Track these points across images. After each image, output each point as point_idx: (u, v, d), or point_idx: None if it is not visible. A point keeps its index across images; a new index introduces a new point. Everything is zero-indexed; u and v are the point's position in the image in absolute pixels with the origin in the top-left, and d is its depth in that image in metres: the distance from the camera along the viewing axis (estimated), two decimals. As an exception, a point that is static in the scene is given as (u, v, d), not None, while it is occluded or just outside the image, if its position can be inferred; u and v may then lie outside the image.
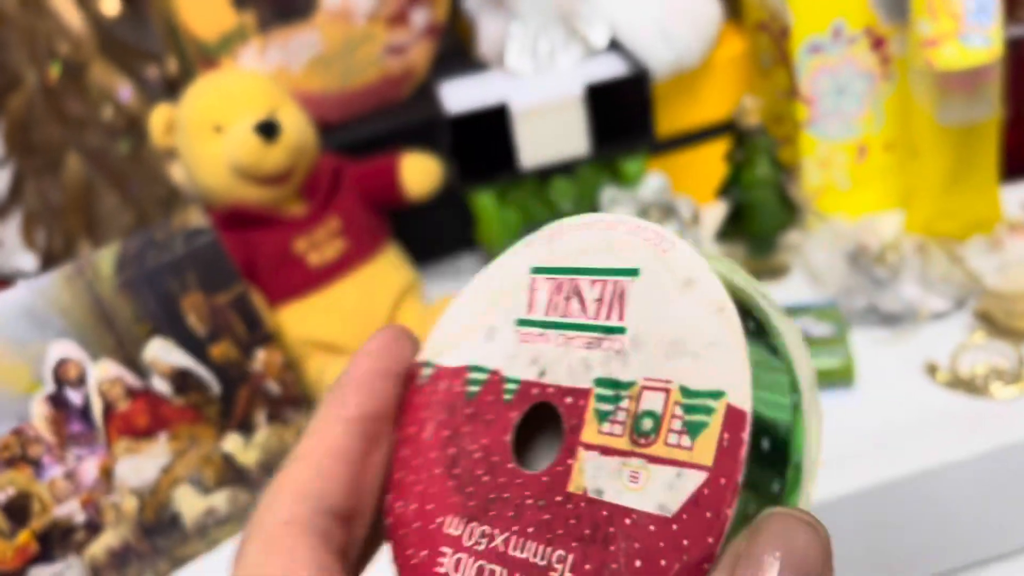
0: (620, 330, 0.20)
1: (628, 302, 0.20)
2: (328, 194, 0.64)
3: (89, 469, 0.50)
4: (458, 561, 0.20)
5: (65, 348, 0.50)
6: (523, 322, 0.21)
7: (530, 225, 0.65)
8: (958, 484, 0.50)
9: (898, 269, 0.60)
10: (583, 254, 0.21)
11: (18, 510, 0.48)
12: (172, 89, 0.77)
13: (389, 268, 0.66)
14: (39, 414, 0.49)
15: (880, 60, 0.64)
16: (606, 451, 0.19)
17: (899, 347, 0.58)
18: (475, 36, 0.71)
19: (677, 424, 0.18)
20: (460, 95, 0.63)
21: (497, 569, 0.19)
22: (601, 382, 0.19)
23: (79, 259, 0.51)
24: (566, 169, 0.63)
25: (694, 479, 0.17)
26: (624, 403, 0.19)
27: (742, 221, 0.64)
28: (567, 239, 0.21)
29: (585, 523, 0.18)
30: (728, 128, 0.66)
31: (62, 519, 0.49)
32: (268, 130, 0.59)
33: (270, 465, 0.56)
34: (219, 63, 0.70)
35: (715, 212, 0.68)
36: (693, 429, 0.18)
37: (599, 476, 0.19)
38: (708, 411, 0.18)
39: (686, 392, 0.18)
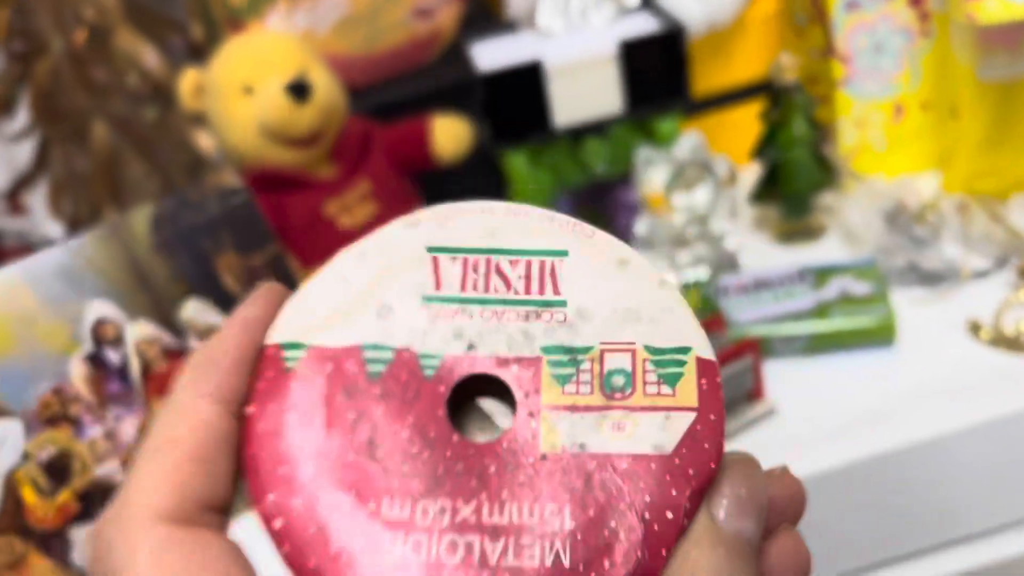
0: (560, 303, 0.21)
1: (561, 279, 0.21)
2: (358, 157, 0.64)
3: (128, 428, 0.50)
4: (417, 543, 0.19)
5: (102, 308, 0.49)
6: (432, 299, 0.21)
7: (563, 186, 0.65)
8: (1002, 441, 0.49)
9: (938, 228, 0.59)
10: (492, 236, 0.22)
11: (59, 469, 0.48)
12: (197, 55, 0.77)
13: (420, 231, 0.65)
14: (78, 373, 0.49)
15: (919, 16, 0.63)
16: (576, 409, 0.20)
17: (940, 306, 0.57)
18: (503, -2, 0.70)
19: (652, 377, 0.20)
20: (492, 54, 0.62)
21: (475, 539, 0.19)
22: (551, 349, 0.21)
23: (114, 219, 0.51)
24: (599, 129, 0.63)
25: (685, 419, 0.20)
26: (585, 366, 0.21)
27: (777, 181, 0.63)
28: (466, 222, 0.22)
29: (573, 475, 0.19)
30: (762, 88, 0.65)
31: (102, 478, 0.49)
32: (299, 90, 0.59)
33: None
34: (246, 26, 0.69)
35: (750, 174, 0.67)
36: (670, 379, 0.20)
37: (576, 431, 0.20)
38: (680, 364, 0.20)
39: (652, 350, 0.21)
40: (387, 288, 0.21)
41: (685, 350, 0.21)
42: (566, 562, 0.19)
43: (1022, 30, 0.57)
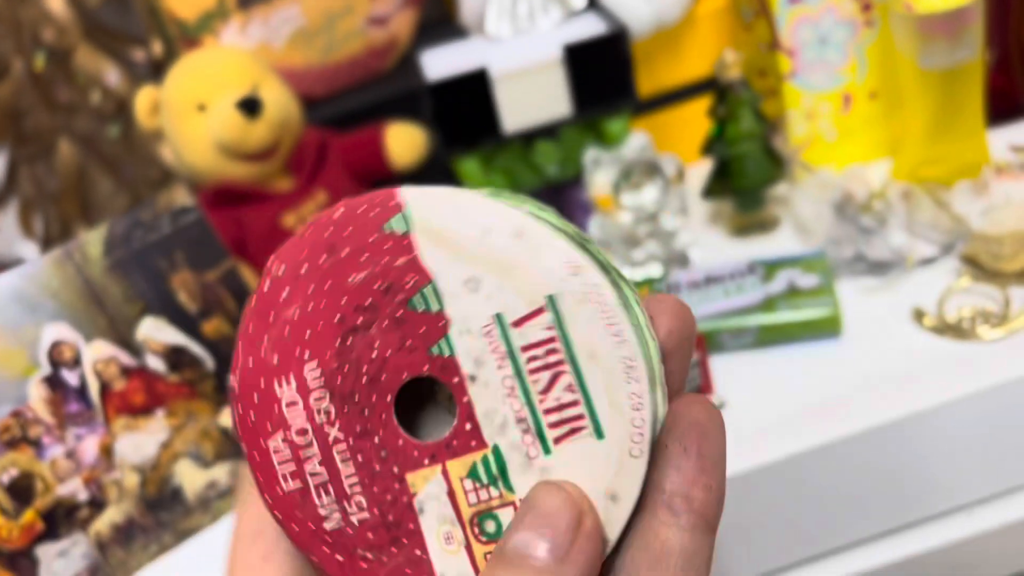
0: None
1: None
2: (314, 168, 0.65)
3: (89, 447, 0.51)
4: (293, 404, 0.21)
5: (58, 330, 0.50)
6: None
7: (516, 189, 0.65)
8: (947, 427, 0.50)
9: (884, 217, 0.60)
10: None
11: (22, 490, 0.49)
12: (159, 71, 0.77)
13: (379, 239, 0.66)
14: (37, 396, 0.50)
15: (861, 7, 0.64)
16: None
17: (887, 295, 0.58)
18: (456, 4, 0.70)
19: None
20: (440, 62, 0.63)
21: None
22: None
23: (67, 243, 0.52)
24: (550, 132, 0.63)
25: None
26: None
27: (728, 177, 0.64)
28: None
29: None
30: (711, 85, 0.65)
31: (65, 497, 0.51)
32: (250, 106, 0.59)
33: (268, 437, 0.57)
34: (201, 42, 0.70)
35: (701, 169, 0.68)
36: None
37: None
38: None
39: None
40: None
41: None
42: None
43: (960, 18, 0.58)
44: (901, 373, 0.52)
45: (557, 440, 0.20)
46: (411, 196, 0.20)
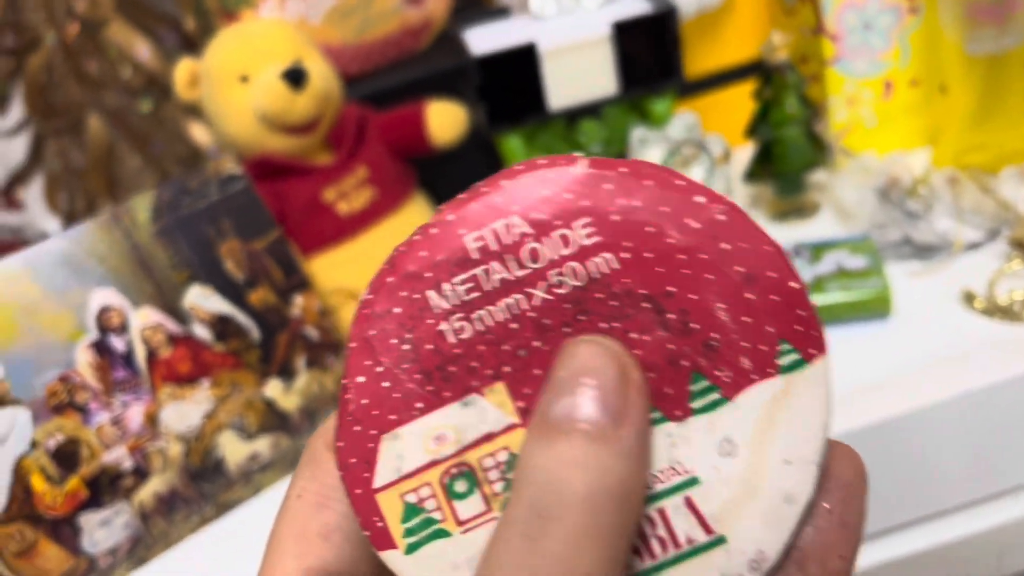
0: None
1: None
2: (355, 143, 0.64)
3: (135, 415, 0.50)
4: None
5: (106, 296, 0.50)
6: None
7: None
8: (999, 408, 0.50)
9: (930, 202, 0.60)
10: None
11: (67, 456, 0.48)
12: (190, 47, 0.77)
13: (417, 216, 0.66)
14: (84, 361, 0.49)
15: (907, -7, 0.64)
16: None
17: (934, 278, 0.58)
18: (495, -17, 0.70)
19: None
20: (486, 39, 0.63)
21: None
22: None
23: (115, 207, 0.51)
24: (593, 111, 0.63)
25: None
26: None
27: (770, 160, 0.64)
28: None
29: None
30: (754, 68, 0.65)
31: (110, 465, 0.50)
32: (295, 77, 0.59)
33: (311, 410, 0.56)
34: (239, 16, 0.69)
35: (745, 153, 0.68)
36: None
37: None
38: None
39: None
40: None
41: None
42: None
43: (1008, 4, 0.58)
44: (953, 354, 0.52)
45: None
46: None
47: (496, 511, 0.19)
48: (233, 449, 0.54)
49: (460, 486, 0.19)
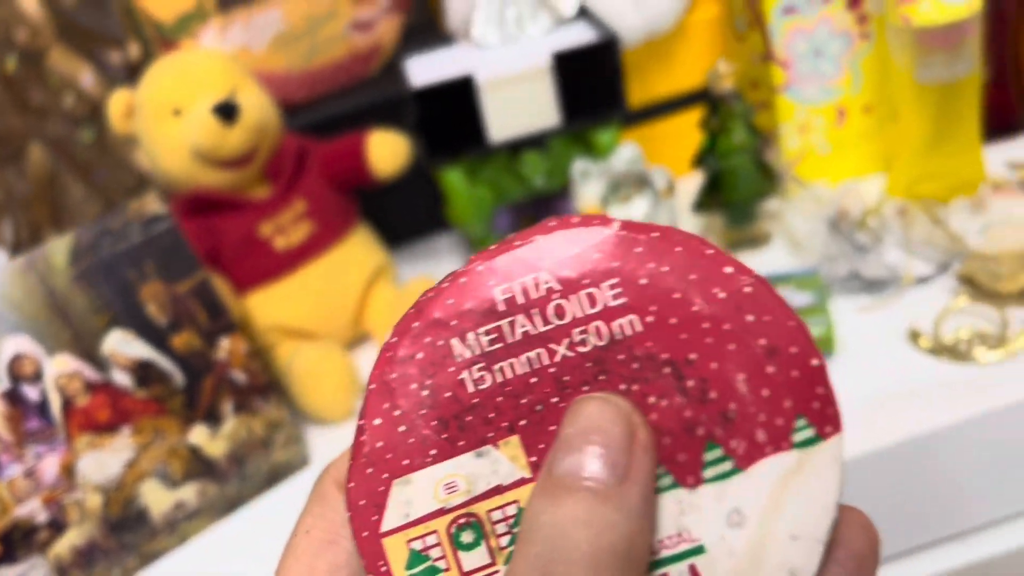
0: None
1: None
2: (293, 176, 0.62)
3: (50, 466, 0.49)
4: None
5: (19, 343, 0.48)
6: None
7: (502, 201, 0.63)
8: (942, 452, 0.49)
9: (880, 234, 0.59)
10: None
11: (-24, 511, 0.47)
12: (135, 74, 0.75)
13: (359, 250, 0.64)
14: (-6, 412, 0.47)
15: (856, 19, 0.62)
16: None
17: (882, 313, 0.56)
18: (442, 10, 0.69)
19: None
20: (426, 69, 0.61)
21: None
22: None
23: (31, 252, 0.49)
24: (538, 142, 0.62)
25: None
26: None
27: (719, 190, 0.62)
28: None
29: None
30: (703, 96, 0.64)
31: (23, 519, 0.48)
32: (227, 111, 0.57)
33: (239, 456, 0.55)
34: (179, 44, 0.68)
35: (693, 183, 0.66)
36: None
37: None
38: None
39: None
40: None
41: None
42: None
43: (958, 32, 0.56)
44: (896, 395, 0.50)
45: None
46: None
47: (500, 565, 0.19)
48: (156, 498, 0.52)
49: (467, 537, 0.19)
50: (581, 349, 0.19)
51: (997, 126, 0.67)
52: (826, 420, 0.19)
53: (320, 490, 0.22)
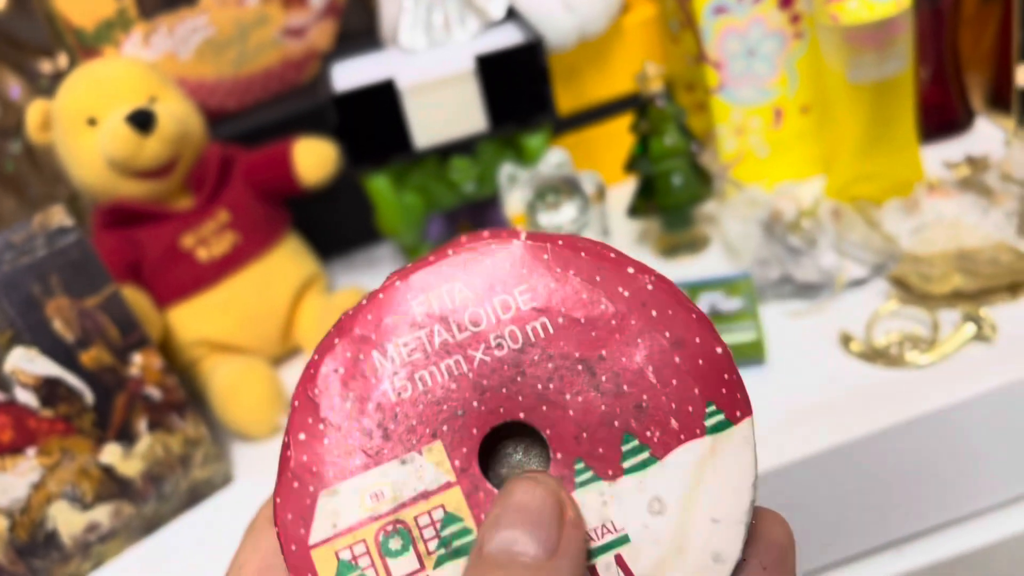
0: None
1: None
2: (216, 186, 0.61)
3: (-53, 490, 0.47)
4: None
5: (-86, 363, 0.46)
6: None
7: (434, 207, 0.62)
8: (874, 458, 0.47)
9: (814, 237, 0.57)
10: None
11: None
12: (65, 84, 0.73)
13: (287, 261, 0.63)
14: None
15: (789, 18, 0.61)
16: None
17: (815, 318, 0.55)
18: (377, 13, 0.67)
19: None
20: (349, 74, 0.60)
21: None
22: None
23: (-72, 267, 0.47)
24: (466, 148, 0.60)
25: None
26: None
27: (654, 194, 0.61)
28: None
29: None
30: (634, 100, 0.63)
31: (-80, 545, 0.46)
32: (141, 120, 0.56)
33: (155, 475, 0.53)
34: (100, 52, 0.66)
35: (629, 188, 0.65)
36: None
37: None
38: None
39: None
40: None
41: None
42: None
43: (888, 29, 0.55)
44: (827, 402, 0.49)
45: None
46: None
47: (430, 569, 0.19)
48: (67, 520, 0.50)
49: (395, 544, 0.19)
50: (498, 353, 0.20)
51: (937, 125, 0.66)
52: (735, 404, 0.20)
53: (253, 526, 0.23)
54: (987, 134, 0.66)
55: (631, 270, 0.21)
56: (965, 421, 0.47)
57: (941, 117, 0.66)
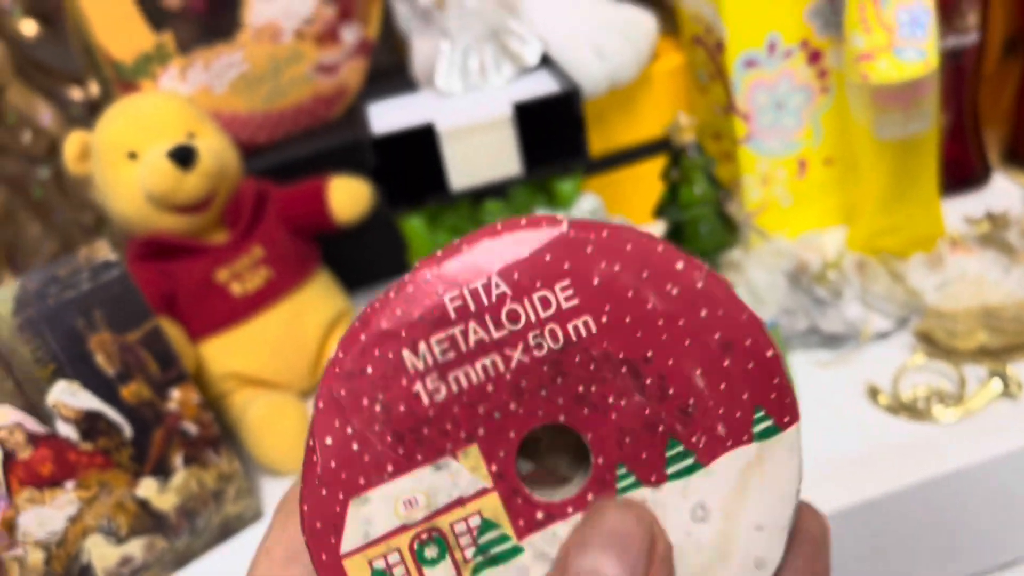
0: None
1: None
2: (251, 221, 0.62)
3: (-12, 523, 0.47)
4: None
5: (-40, 395, 0.47)
6: None
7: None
8: (900, 514, 0.48)
9: (839, 288, 0.59)
10: None
11: (-92, 570, 0.45)
12: (95, 112, 0.74)
13: (318, 297, 0.63)
14: (-69, 466, 0.46)
15: (817, 73, 0.63)
16: None
17: (841, 369, 0.56)
18: (408, 55, 0.68)
19: None
20: (387, 116, 0.61)
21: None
22: None
23: (-25, 299, 0.48)
24: (499, 191, 0.61)
25: None
26: None
27: (681, 241, 0.62)
28: None
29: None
30: (665, 145, 0.64)
31: (-42, 577, 0.46)
32: (183, 156, 0.57)
33: (189, 510, 0.53)
34: (138, 86, 0.67)
35: (656, 232, 0.66)
36: None
37: None
38: None
39: None
40: None
41: None
42: None
43: (916, 90, 0.57)
44: (854, 455, 0.50)
45: None
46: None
47: None
48: (101, 553, 0.51)
49: (431, 552, 0.19)
50: (537, 353, 0.19)
51: (955, 180, 0.67)
52: (784, 410, 0.20)
53: (283, 510, 0.22)
54: (1004, 189, 0.68)
55: (681, 265, 0.19)
56: (992, 479, 0.48)
57: (959, 172, 0.68)
